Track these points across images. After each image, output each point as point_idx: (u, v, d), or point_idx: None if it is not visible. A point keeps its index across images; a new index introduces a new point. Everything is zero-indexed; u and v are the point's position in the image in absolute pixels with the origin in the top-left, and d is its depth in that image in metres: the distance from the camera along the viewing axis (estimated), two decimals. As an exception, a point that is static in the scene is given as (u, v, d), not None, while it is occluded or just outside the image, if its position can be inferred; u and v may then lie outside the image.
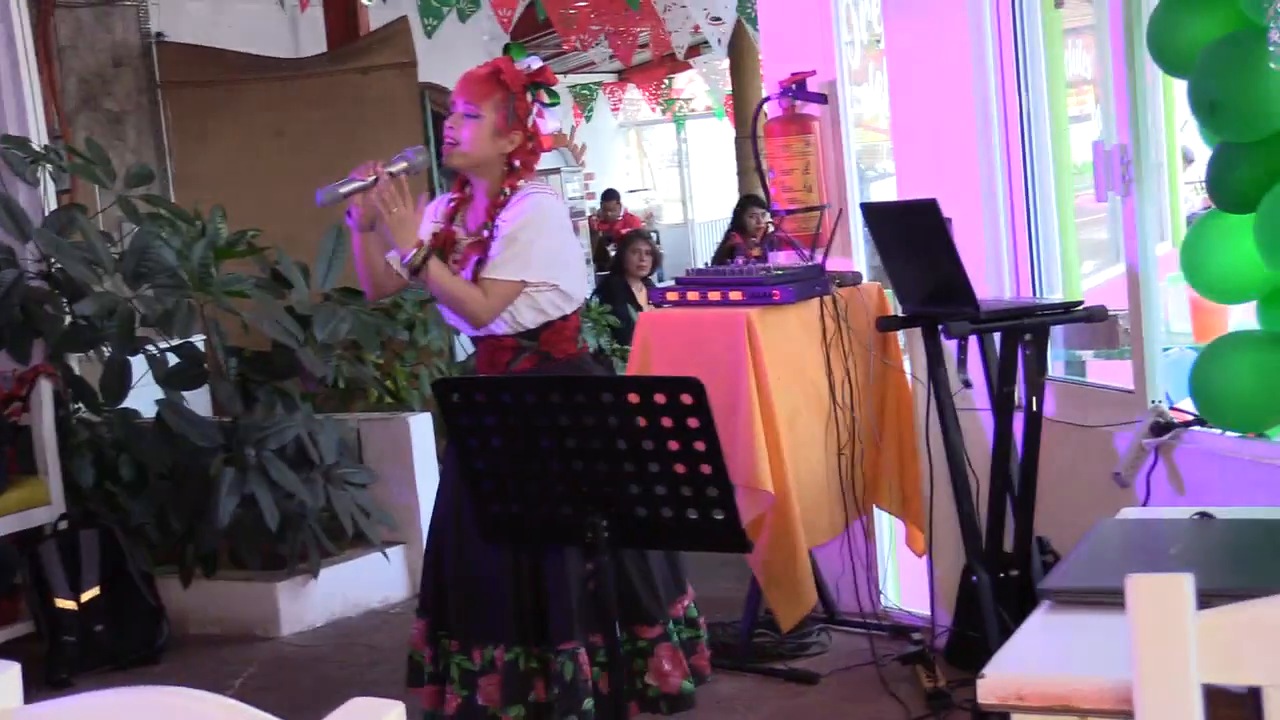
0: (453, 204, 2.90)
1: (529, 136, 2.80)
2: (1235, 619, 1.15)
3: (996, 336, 3.34)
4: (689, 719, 2.89)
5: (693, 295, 3.72)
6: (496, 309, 2.75)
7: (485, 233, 2.80)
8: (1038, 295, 3.68)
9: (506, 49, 2.91)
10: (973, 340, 3.37)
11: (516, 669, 2.72)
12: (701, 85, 12.66)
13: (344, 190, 2.71)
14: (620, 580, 2.71)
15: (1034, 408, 3.25)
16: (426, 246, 2.71)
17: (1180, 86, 2.85)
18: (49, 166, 4.68)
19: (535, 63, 2.84)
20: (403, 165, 2.74)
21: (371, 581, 4.64)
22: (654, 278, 7.62)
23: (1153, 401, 3.16)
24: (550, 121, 2.83)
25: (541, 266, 2.76)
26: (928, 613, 3.73)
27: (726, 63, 10.08)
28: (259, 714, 1.05)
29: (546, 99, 2.81)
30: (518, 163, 2.81)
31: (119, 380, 4.40)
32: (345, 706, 1.07)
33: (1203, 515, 1.86)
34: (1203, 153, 3.32)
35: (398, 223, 2.68)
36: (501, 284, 2.74)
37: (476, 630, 2.75)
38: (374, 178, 2.69)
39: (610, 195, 12.34)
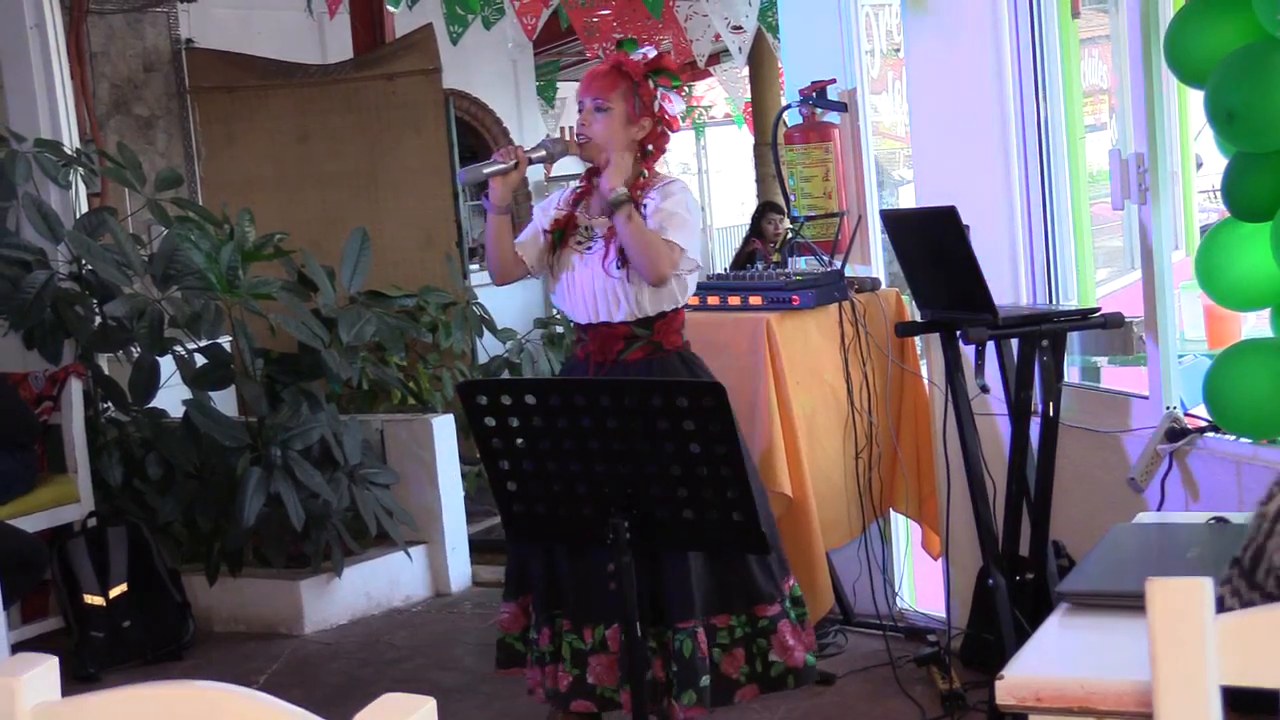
0: (578, 192, 2.98)
1: (658, 121, 2.93)
2: (1254, 622, 1.16)
3: (1014, 342, 3.37)
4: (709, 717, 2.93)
5: (713, 300, 3.76)
6: (675, 266, 2.87)
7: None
8: (1054, 302, 3.70)
9: (620, 44, 3.02)
10: (990, 346, 3.40)
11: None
12: (721, 93, 12.68)
13: (487, 171, 2.83)
14: (738, 563, 2.82)
15: (1050, 413, 3.27)
16: (626, 191, 2.82)
17: (1195, 95, 2.88)
18: (80, 170, 4.75)
19: (651, 51, 2.95)
20: (542, 153, 2.91)
21: (394, 580, 4.70)
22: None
23: (1167, 407, 3.18)
24: (677, 103, 2.95)
25: (694, 246, 2.91)
26: (943, 615, 3.76)
27: (746, 71, 10.10)
28: (289, 707, 1.06)
29: (669, 83, 2.93)
30: (650, 147, 2.95)
31: (148, 380, 4.46)
32: (377, 702, 1.07)
33: (1218, 520, 1.89)
34: (1213, 158, 3.35)
35: (616, 165, 2.83)
36: (676, 246, 2.86)
37: (590, 611, 2.81)
38: (515, 161, 2.83)
39: None
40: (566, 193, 3.04)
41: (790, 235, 4.01)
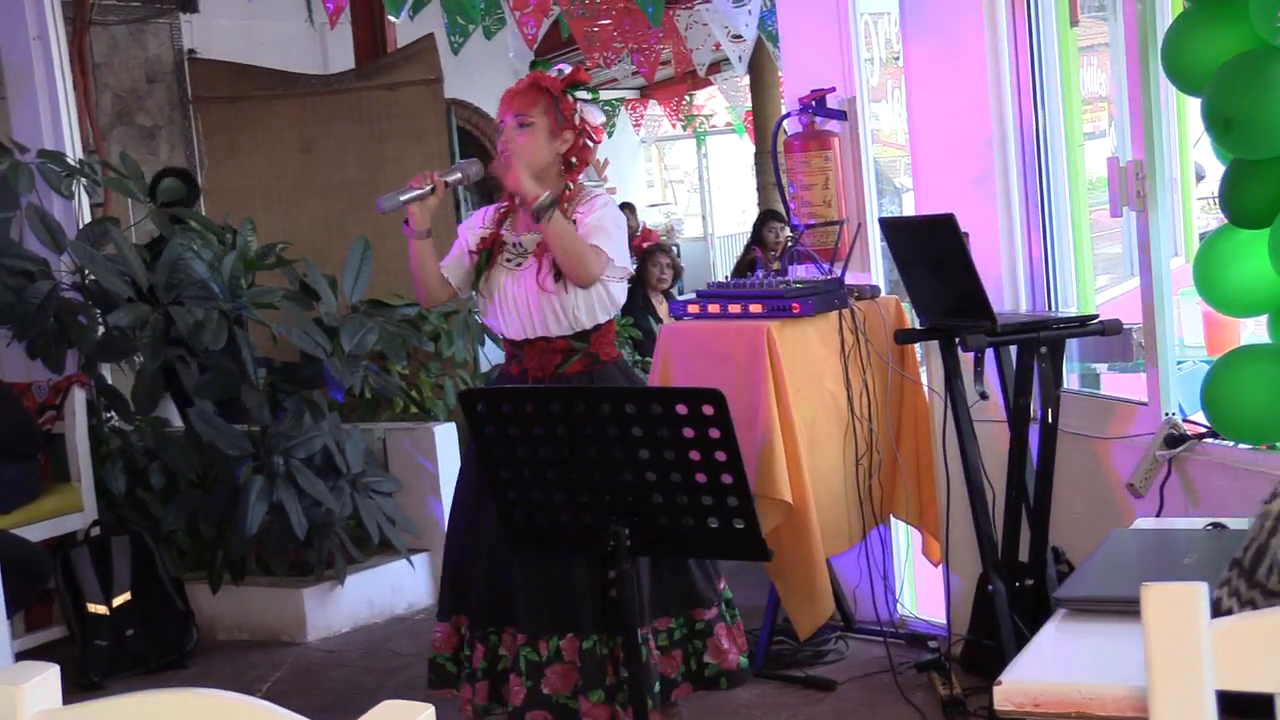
0: (502, 211, 2.99)
1: (580, 133, 2.95)
2: (1249, 627, 1.16)
3: (1013, 349, 3.39)
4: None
5: (713, 308, 3.77)
6: (602, 273, 2.88)
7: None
8: (1053, 309, 3.72)
9: (533, 65, 3.06)
10: (989, 353, 3.42)
11: (594, 655, 2.79)
12: (722, 102, 12.71)
13: (404, 198, 2.83)
14: (679, 566, 2.85)
15: (1049, 419, 3.28)
16: (552, 195, 2.82)
17: (1193, 103, 2.89)
18: (84, 180, 4.77)
19: (566, 68, 2.98)
20: (457, 175, 2.92)
21: (396, 588, 4.71)
22: (674, 290, 7.67)
23: (1166, 414, 3.19)
24: (597, 114, 2.97)
25: (622, 257, 2.92)
26: (944, 621, 3.76)
27: (747, 79, 10.13)
28: (291, 715, 1.06)
29: (586, 96, 2.95)
30: (574, 159, 2.96)
31: (150, 389, 4.48)
32: (376, 709, 1.08)
33: (1216, 526, 1.89)
34: (1214, 169, 3.37)
35: (525, 171, 2.82)
36: (604, 255, 2.87)
37: (544, 623, 2.82)
38: (431, 186, 2.84)
39: (625, 207, 12.39)
40: (489, 211, 3.04)
41: (790, 243, 4.02)
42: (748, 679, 2.98)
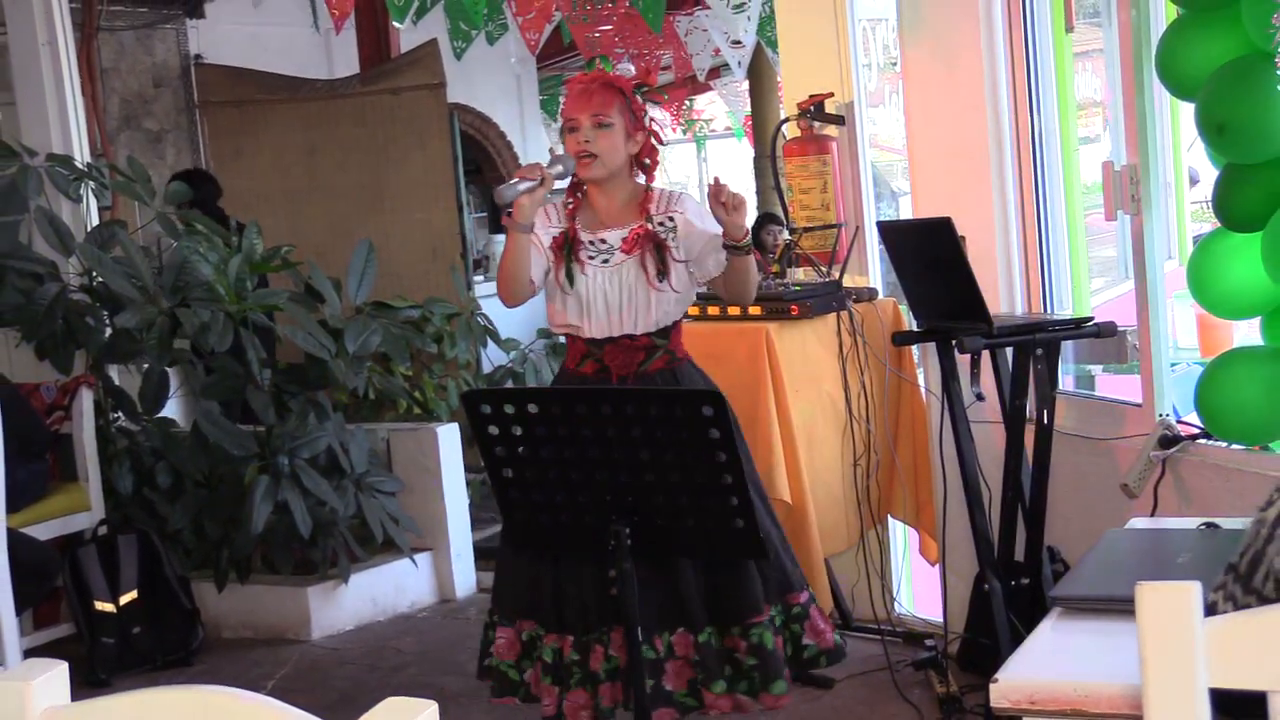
0: (570, 208, 2.98)
1: (650, 134, 2.95)
2: (1242, 626, 1.18)
3: (1009, 351, 3.42)
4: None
5: (713, 310, 3.81)
6: None
7: (646, 225, 2.90)
8: (1048, 311, 3.75)
9: (591, 62, 3.04)
10: (985, 354, 3.45)
11: (711, 648, 2.79)
12: (722, 106, 12.74)
13: (521, 189, 2.81)
14: (772, 556, 2.85)
15: (1045, 420, 3.32)
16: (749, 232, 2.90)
17: (1187, 108, 2.93)
18: (91, 184, 4.81)
19: (631, 68, 2.99)
20: (559, 168, 2.88)
21: (400, 587, 4.75)
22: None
23: (1160, 415, 3.23)
24: (661, 115, 3.00)
25: None
26: (940, 619, 3.79)
27: (746, 84, 10.17)
28: (295, 712, 1.07)
29: (660, 98, 2.98)
30: (648, 160, 2.96)
31: (157, 390, 4.52)
32: (379, 706, 1.09)
33: (1209, 525, 1.91)
34: (1208, 174, 3.41)
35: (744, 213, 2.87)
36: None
37: (662, 618, 2.79)
38: (540, 178, 2.81)
39: None
40: (555, 208, 2.99)
41: (788, 246, 4.06)
42: (844, 655, 2.98)
